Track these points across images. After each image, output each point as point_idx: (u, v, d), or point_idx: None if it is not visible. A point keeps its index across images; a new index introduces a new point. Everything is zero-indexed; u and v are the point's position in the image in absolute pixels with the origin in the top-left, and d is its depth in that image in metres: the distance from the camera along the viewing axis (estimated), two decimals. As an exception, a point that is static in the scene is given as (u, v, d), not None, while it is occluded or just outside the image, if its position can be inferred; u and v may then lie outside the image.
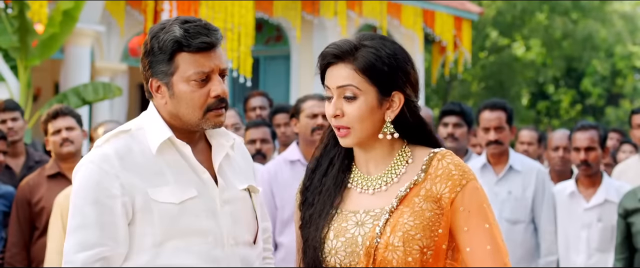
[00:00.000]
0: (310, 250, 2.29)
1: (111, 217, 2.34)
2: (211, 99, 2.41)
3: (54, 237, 4.33)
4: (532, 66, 23.81)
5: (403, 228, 2.21)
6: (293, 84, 14.48)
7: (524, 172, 5.09)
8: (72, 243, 2.35)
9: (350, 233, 2.26)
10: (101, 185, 2.35)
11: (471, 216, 2.24)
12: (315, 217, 2.31)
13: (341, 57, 2.28)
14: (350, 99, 2.26)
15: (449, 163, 2.27)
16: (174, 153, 2.44)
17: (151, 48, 2.42)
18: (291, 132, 5.91)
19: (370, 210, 2.27)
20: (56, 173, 4.87)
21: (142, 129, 2.46)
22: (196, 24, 2.41)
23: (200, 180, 2.44)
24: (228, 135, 2.56)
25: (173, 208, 2.37)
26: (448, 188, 2.25)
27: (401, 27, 14.53)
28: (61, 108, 4.92)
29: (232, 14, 11.88)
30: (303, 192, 2.40)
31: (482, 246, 2.23)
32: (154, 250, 2.36)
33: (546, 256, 5.06)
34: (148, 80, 2.46)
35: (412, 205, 2.24)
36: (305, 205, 2.37)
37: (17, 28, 8.60)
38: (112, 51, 14.19)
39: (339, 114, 2.27)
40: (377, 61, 2.25)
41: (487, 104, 5.18)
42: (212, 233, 2.42)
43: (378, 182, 2.32)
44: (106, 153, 2.39)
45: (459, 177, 2.26)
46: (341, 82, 2.27)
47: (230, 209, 2.47)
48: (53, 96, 12.57)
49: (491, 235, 2.25)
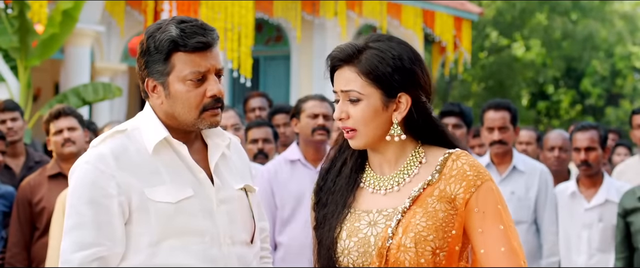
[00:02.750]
0: (324, 250, 2.28)
1: (108, 217, 2.34)
2: (207, 98, 2.41)
3: (56, 235, 4.33)
4: (532, 66, 23.80)
5: (415, 229, 2.20)
6: (293, 84, 14.48)
7: (527, 173, 5.09)
8: (68, 243, 2.35)
9: (362, 233, 2.25)
10: (97, 185, 2.35)
11: (486, 217, 2.22)
12: (328, 217, 2.31)
13: (345, 61, 2.29)
14: (354, 101, 2.27)
15: (464, 164, 2.26)
16: (170, 153, 2.44)
17: (147, 48, 2.42)
18: (291, 132, 5.91)
19: (383, 210, 2.26)
20: (57, 174, 4.87)
21: (138, 129, 2.46)
22: (192, 23, 2.41)
23: (197, 179, 2.44)
24: (224, 134, 2.56)
25: (169, 207, 2.37)
26: (462, 189, 2.23)
27: (401, 28, 14.53)
28: (63, 108, 4.92)
29: (232, 14, 11.89)
30: (317, 192, 2.39)
31: (496, 248, 2.20)
32: (150, 249, 2.36)
33: (548, 257, 5.06)
34: (144, 80, 2.46)
35: (425, 206, 2.23)
36: (319, 205, 2.37)
37: (17, 28, 8.60)
38: (112, 51, 14.19)
39: (343, 116, 2.28)
40: (380, 63, 2.25)
41: (491, 103, 5.17)
42: (209, 232, 2.42)
43: (390, 182, 2.31)
44: (102, 153, 2.39)
45: (473, 177, 2.25)
46: (344, 86, 2.28)
47: (227, 209, 2.47)
48: (53, 96, 12.57)
49: (506, 236, 2.21)
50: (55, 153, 4.91)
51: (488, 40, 23.87)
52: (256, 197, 2.63)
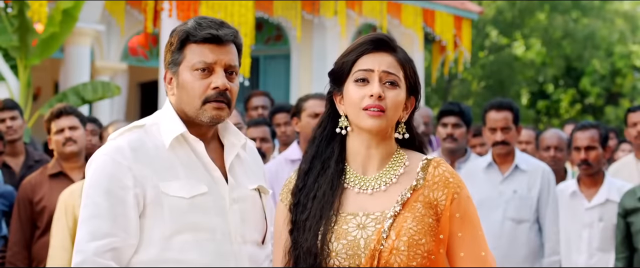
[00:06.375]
0: (308, 255, 2.29)
1: (123, 208, 2.36)
2: (211, 90, 2.44)
3: (57, 233, 4.33)
4: (532, 65, 23.80)
5: (408, 233, 2.25)
6: (293, 84, 14.47)
7: (529, 172, 5.08)
8: (83, 233, 2.37)
9: (351, 236, 2.27)
10: (114, 177, 2.38)
11: (465, 222, 2.32)
12: (312, 222, 2.31)
13: (389, 47, 2.35)
14: (392, 85, 2.32)
15: (445, 171, 2.34)
16: (187, 150, 2.46)
17: (170, 42, 2.50)
18: (291, 131, 5.91)
19: (371, 213, 2.30)
20: (58, 173, 4.87)
21: (156, 125, 2.49)
22: (212, 20, 2.49)
23: (211, 177, 2.46)
24: (239, 134, 2.58)
25: (183, 202, 2.39)
26: (444, 196, 2.31)
27: (401, 27, 14.52)
28: (65, 107, 4.92)
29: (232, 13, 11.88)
30: (295, 193, 2.40)
31: (477, 252, 2.32)
32: (162, 243, 2.38)
33: (550, 256, 5.05)
34: (165, 73, 2.53)
35: (413, 211, 2.28)
36: (297, 207, 2.37)
37: (17, 27, 8.60)
38: (111, 50, 14.18)
39: (383, 95, 2.30)
40: (411, 62, 2.38)
41: (493, 103, 5.16)
42: (220, 230, 2.43)
43: (377, 181, 2.34)
44: (119, 146, 2.42)
45: (455, 185, 2.33)
46: (387, 67, 2.33)
47: (239, 208, 2.49)
48: (53, 95, 12.57)
49: (484, 242, 2.35)
50: (57, 153, 4.90)
51: (488, 40, 23.86)
52: (270, 201, 2.65)
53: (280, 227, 2.41)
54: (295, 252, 2.32)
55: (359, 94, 2.31)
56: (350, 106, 2.33)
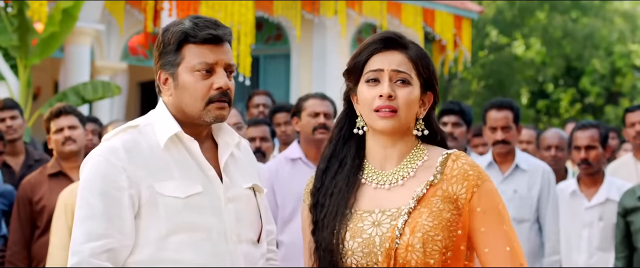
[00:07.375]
0: (326, 254, 2.28)
1: (118, 209, 2.36)
2: (213, 90, 2.44)
3: (57, 232, 4.33)
4: (532, 65, 23.81)
5: (423, 229, 2.21)
6: (293, 83, 14.47)
7: (529, 171, 5.09)
8: (79, 234, 2.37)
9: (366, 233, 2.25)
10: (109, 178, 2.38)
11: (488, 217, 2.26)
12: (328, 220, 2.30)
13: (398, 45, 2.33)
14: (403, 83, 2.30)
15: (464, 164, 2.29)
16: (181, 150, 2.46)
17: (162, 41, 2.49)
18: (291, 131, 5.91)
19: (386, 210, 2.27)
20: (58, 172, 4.86)
21: (150, 125, 2.49)
22: (206, 19, 2.48)
23: (206, 176, 2.46)
24: (233, 133, 2.58)
25: (178, 202, 2.39)
26: (464, 189, 2.26)
27: (401, 26, 14.52)
28: (64, 107, 4.92)
29: (232, 13, 11.88)
30: (314, 194, 2.39)
31: (501, 247, 2.26)
32: (158, 243, 2.38)
33: (550, 255, 5.05)
34: (157, 74, 2.51)
35: (430, 206, 2.25)
36: (316, 207, 2.36)
37: (16, 27, 8.60)
38: (111, 50, 14.17)
39: (394, 95, 2.29)
40: (425, 58, 2.34)
41: (493, 103, 5.16)
42: (216, 229, 2.43)
43: (394, 176, 2.32)
44: (114, 147, 2.42)
45: (474, 177, 2.28)
46: (397, 66, 2.31)
47: (235, 207, 2.49)
48: (53, 95, 12.57)
49: (508, 237, 2.29)
50: (56, 152, 4.90)
51: (488, 39, 23.86)
52: (264, 200, 2.65)
53: (306, 228, 2.40)
54: (318, 252, 2.31)
55: (370, 94, 2.30)
56: (363, 107, 2.33)
